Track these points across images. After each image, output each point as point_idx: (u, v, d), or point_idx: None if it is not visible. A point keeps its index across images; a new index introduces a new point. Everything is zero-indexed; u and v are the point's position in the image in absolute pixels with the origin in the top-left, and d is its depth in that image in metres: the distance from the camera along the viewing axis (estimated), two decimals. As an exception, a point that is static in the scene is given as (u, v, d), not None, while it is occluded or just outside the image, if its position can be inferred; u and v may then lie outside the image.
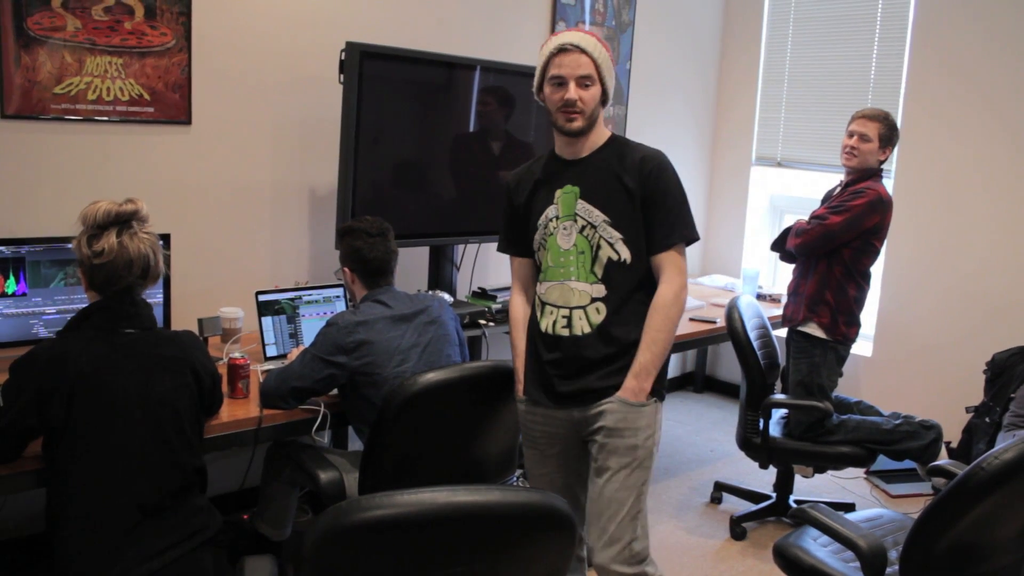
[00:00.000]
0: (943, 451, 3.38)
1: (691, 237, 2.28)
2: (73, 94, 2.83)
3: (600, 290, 2.26)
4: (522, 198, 2.39)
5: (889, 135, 3.37)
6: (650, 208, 2.24)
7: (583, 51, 2.20)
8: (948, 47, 4.22)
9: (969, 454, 3.56)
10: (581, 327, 2.27)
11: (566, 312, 2.28)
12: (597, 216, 2.25)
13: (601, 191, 2.26)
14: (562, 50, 2.21)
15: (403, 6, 3.64)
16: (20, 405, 1.89)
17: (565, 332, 2.28)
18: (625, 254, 2.24)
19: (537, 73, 2.29)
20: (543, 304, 2.33)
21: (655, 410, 2.29)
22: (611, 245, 2.24)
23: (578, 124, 2.24)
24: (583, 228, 2.26)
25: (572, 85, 2.21)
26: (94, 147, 2.92)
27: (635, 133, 4.71)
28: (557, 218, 2.30)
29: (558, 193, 2.31)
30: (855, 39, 4.63)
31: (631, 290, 2.26)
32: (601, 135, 2.32)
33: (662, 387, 2.31)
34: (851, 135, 3.40)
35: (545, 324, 2.32)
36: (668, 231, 2.25)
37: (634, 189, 2.23)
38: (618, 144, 2.33)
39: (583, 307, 2.27)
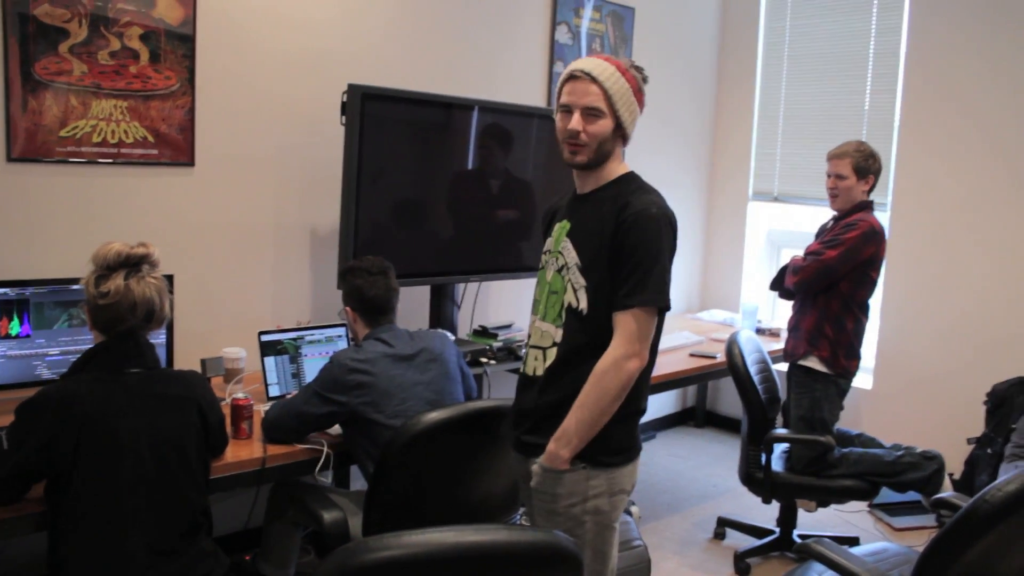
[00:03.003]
0: (947, 482, 3.37)
1: (655, 303, 2.01)
2: (78, 137, 2.87)
3: (560, 335, 2.10)
4: (544, 227, 2.31)
5: (864, 165, 3.39)
6: (617, 261, 2.02)
7: (593, 79, 2.04)
8: (941, 81, 4.28)
9: (972, 486, 3.56)
10: (535, 368, 2.14)
11: (532, 351, 2.17)
12: (572, 257, 2.09)
13: (583, 232, 2.10)
14: (572, 77, 2.07)
15: (403, 48, 3.69)
16: (27, 448, 1.90)
17: (526, 370, 2.18)
18: (583, 304, 2.05)
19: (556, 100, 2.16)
20: (528, 337, 2.23)
21: (583, 477, 2.04)
22: (574, 291, 2.07)
23: (581, 158, 2.08)
24: (561, 267, 2.12)
25: (576, 115, 2.05)
26: (98, 189, 2.95)
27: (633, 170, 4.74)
28: (548, 252, 2.19)
29: (556, 226, 2.19)
30: (848, 74, 4.70)
31: (582, 344, 2.05)
32: (612, 172, 2.14)
33: (604, 453, 2.06)
34: (828, 176, 3.45)
35: (524, 360, 2.22)
36: (629, 291, 2.00)
37: (606, 235, 2.04)
38: (623, 184, 2.14)
39: (543, 348, 2.13)
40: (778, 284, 3.64)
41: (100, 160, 2.93)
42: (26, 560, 2.86)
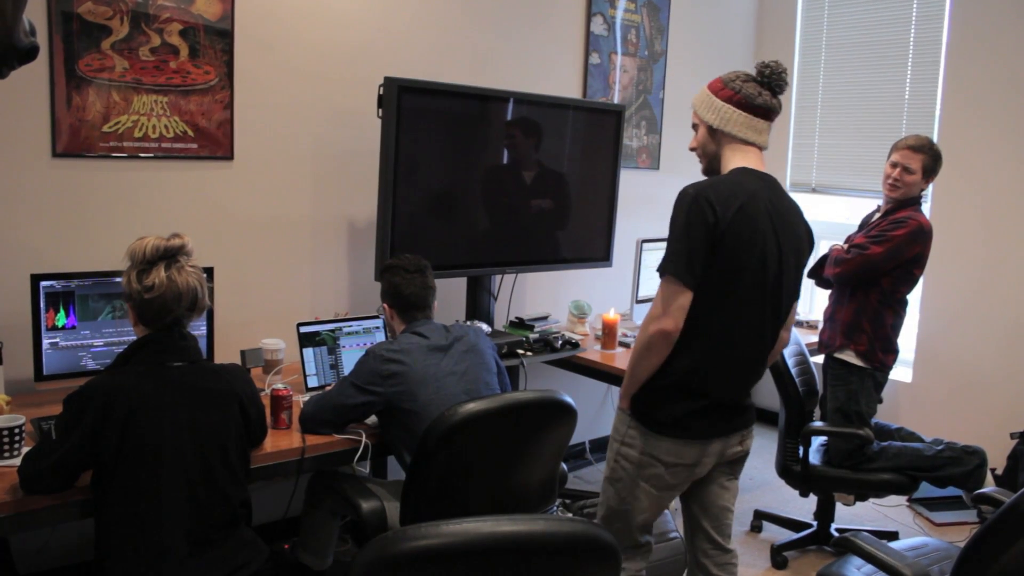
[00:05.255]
0: (988, 477, 3.32)
1: (664, 270, 2.23)
2: (120, 132, 2.91)
3: None
4: None
5: (933, 166, 3.34)
6: None
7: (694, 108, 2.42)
8: (984, 69, 4.20)
9: (1016, 481, 3.51)
10: None
11: None
12: None
13: None
14: None
15: (439, 41, 3.70)
16: (73, 439, 1.94)
17: None
18: None
19: None
20: None
21: (625, 422, 2.38)
22: None
23: (701, 166, 2.43)
24: None
25: (694, 134, 2.42)
26: (140, 183, 3.00)
27: (669, 162, 4.73)
28: None
29: None
30: (888, 64, 4.63)
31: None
32: (725, 170, 2.36)
33: (642, 407, 2.33)
34: (894, 166, 3.36)
35: None
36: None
37: None
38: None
39: None
40: (816, 272, 3.60)
41: (141, 155, 2.98)
42: (75, 544, 2.93)
